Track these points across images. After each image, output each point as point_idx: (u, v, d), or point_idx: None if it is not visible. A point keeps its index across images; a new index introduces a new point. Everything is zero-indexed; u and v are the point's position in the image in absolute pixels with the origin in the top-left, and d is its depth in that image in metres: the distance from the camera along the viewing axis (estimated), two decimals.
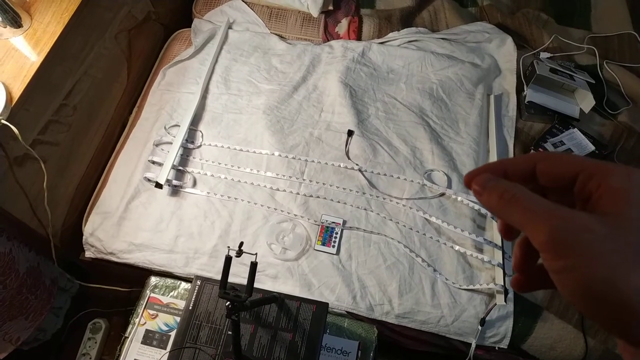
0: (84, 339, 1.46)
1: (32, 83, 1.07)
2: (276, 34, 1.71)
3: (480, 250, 1.27)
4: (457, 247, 1.26)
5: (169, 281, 1.19)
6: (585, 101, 1.50)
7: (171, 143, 1.40)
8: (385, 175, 1.38)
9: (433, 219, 1.30)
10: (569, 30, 1.78)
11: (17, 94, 1.04)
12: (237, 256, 0.82)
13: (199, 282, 1.03)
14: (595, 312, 0.22)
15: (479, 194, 0.27)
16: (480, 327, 1.18)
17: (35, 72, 1.08)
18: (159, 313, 1.14)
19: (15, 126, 1.01)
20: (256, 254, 0.87)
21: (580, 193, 0.26)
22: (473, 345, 1.19)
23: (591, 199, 0.25)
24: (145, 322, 1.13)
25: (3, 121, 0.98)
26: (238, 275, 1.20)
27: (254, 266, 0.86)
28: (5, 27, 1.10)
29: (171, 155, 1.35)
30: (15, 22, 1.10)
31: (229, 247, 0.85)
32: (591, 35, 1.75)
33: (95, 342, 1.46)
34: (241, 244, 0.83)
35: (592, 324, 1.23)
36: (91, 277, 1.51)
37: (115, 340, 1.48)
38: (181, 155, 1.41)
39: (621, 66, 1.67)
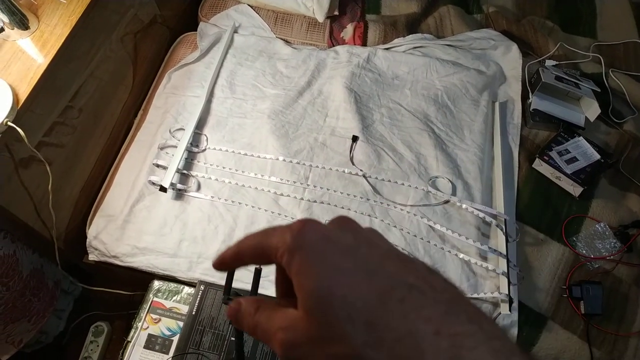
0: (86, 342, 1.46)
1: (39, 85, 1.07)
2: (282, 39, 1.71)
3: (485, 259, 1.27)
4: (461, 255, 1.25)
5: (172, 285, 1.18)
6: (591, 109, 1.50)
7: (176, 146, 1.40)
8: (389, 181, 1.37)
9: (437, 227, 1.29)
10: (575, 38, 1.78)
11: (23, 95, 1.04)
12: None
13: (202, 287, 1.03)
14: None
15: (234, 318, 0.28)
16: None
17: (42, 74, 1.08)
18: (161, 317, 1.14)
19: (21, 128, 1.01)
20: None
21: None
22: None
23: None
24: (147, 327, 1.12)
25: (9, 123, 0.98)
26: (241, 281, 1.19)
27: (258, 272, 0.86)
28: (13, 29, 1.10)
29: (176, 158, 1.35)
30: (22, 24, 1.11)
31: None
32: (597, 44, 1.75)
33: (97, 346, 1.45)
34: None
35: (598, 335, 1.22)
36: (94, 280, 1.50)
37: (117, 344, 1.48)
38: (186, 159, 1.41)
39: (627, 75, 1.67)
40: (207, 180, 1.37)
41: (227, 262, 0.30)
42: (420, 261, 0.25)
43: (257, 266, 0.87)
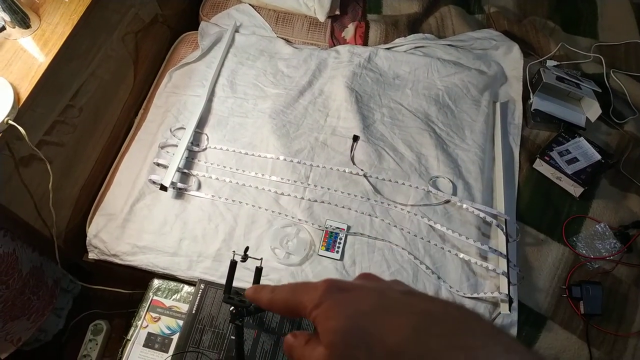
0: (85, 341, 1.46)
1: (40, 84, 1.07)
2: (283, 38, 1.71)
3: (485, 259, 1.27)
4: (461, 255, 1.25)
5: (172, 284, 1.18)
6: (592, 110, 1.50)
7: (176, 146, 1.40)
8: (390, 181, 1.37)
9: (438, 226, 1.29)
10: (576, 39, 1.78)
11: (24, 94, 1.04)
12: (242, 261, 0.82)
13: (202, 286, 1.03)
14: None
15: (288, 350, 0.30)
16: None
17: (43, 73, 1.08)
18: (161, 316, 1.14)
19: (22, 126, 1.01)
20: (261, 259, 0.86)
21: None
22: None
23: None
24: (147, 325, 1.12)
25: (10, 121, 0.98)
26: (241, 280, 1.19)
27: (259, 271, 0.86)
28: (14, 28, 1.10)
29: (176, 157, 1.35)
30: (24, 22, 1.11)
31: (234, 251, 0.84)
32: (598, 44, 1.75)
33: (96, 344, 1.45)
34: (247, 249, 0.83)
35: (597, 335, 1.22)
36: (94, 278, 1.50)
37: (116, 342, 1.48)
38: (186, 158, 1.41)
39: (628, 75, 1.67)
40: (207, 180, 1.37)
41: (257, 302, 0.33)
42: (437, 298, 0.27)
43: (258, 265, 0.87)
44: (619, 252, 1.30)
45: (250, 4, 1.77)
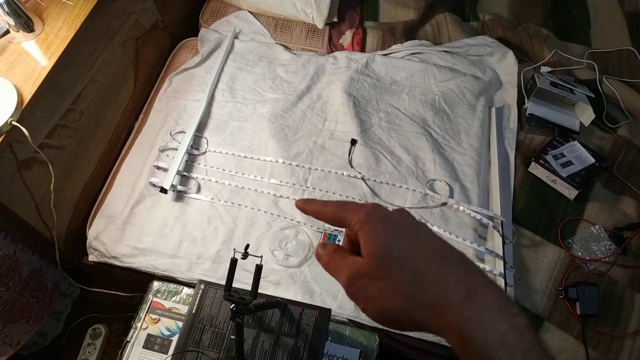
0: (83, 345, 1.46)
1: (42, 86, 1.09)
2: (281, 45, 1.74)
3: (482, 260, 1.28)
4: None
5: (172, 286, 1.19)
6: (585, 115, 1.53)
7: (176, 149, 1.41)
8: (387, 184, 1.39)
9: (435, 228, 1.31)
10: (569, 46, 1.81)
11: (27, 96, 1.05)
12: (242, 258, 0.83)
13: (202, 286, 1.04)
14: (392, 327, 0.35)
15: (317, 256, 0.38)
16: None
17: (46, 76, 1.10)
18: (161, 318, 1.14)
19: (24, 128, 1.03)
20: (262, 256, 0.87)
21: (353, 236, 0.36)
22: None
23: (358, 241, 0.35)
24: (147, 327, 1.13)
25: (14, 123, 1.00)
26: (241, 281, 1.20)
27: (259, 269, 0.87)
28: (18, 31, 1.12)
29: (176, 161, 1.37)
30: (27, 26, 1.12)
31: (234, 249, 0.85)
32: (591, 51, 1.78)
33: (95, 348, 1.45)
34: (247, 246, 0.84)
35: (594, 336, 1.23)
36: (93, 281, 1.51)
37: (115, 346, 1.48)
38: (186, 161, 1.42)
39: (620, 81, 1.70)
40: (207, 182, 1.39)
41: (307, 211, 0.40)
42: (452, 246, 0.34)
43: (258, 263, 0.88)
44: (614, 253, 1.32)
45: (249, 11, 1.80)
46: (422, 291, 0.31)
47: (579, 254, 1.33)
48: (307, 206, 0.40)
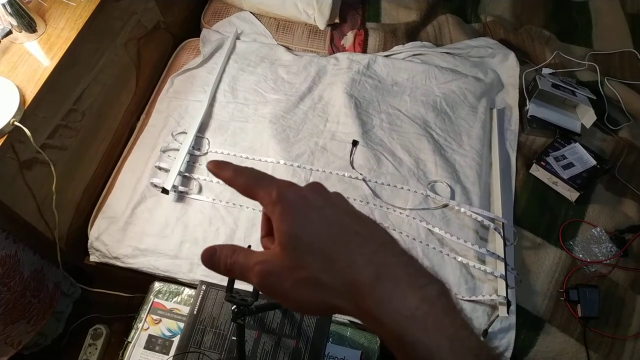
0: (84, 345, 1.45)
1: (45, 87, 1.09)
2: (283, 46, 1.74)
3: (483, 262, 1.28)
4: (459, 258, 1.27)
5: (173, 287, 1.19)
6: (587, 116, 1.53)
7: (178, 150, 1.41)
8: (389, 185, 1.39)
9: (436, 230, 1.31)
10: (571, 47, 1.81)
11: (30, 97, 1.06)
12: None
13: (204, 287, 1.04)
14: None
15: (209, 262, 0.35)
16: (482, 339, 1.18)
17: (48, 77, 1.10)
18: (162, 318, 1.15)
19: (26, 129, 1.03)
20: None
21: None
22: None
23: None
24: (148, 327, 1.13)
25: (16, 123, 1.00)
26: (242, 282, 1.20)
27: None
28: (21, 32, 1.12)
29: (178, 161, 1.37)
30: (30, 27, 1.13)
31: None
32: (592, 53, 1.78)
33: (96, 349, 1.45)
34: (249, 247, 0.84)
35: (595, 338, 1.23)
36: (94, 282, 1.51)
37: (116, 347, 1.48)
38: (187, 161, 1.42)
39: (622, 83, 1.70)
40: (208, 183, 1.39)
41: (219, 176, 0.36)
42: (370, 218, 0.33)
43: None
44: (615, 256, 1.32)
45: (251, 12, 1.80)
46: (333, 277, 0.30)
47: (580, 256, 1.33)
48: (218, 170, 0.36)
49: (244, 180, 0.35)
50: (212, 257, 0.34)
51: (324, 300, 0.30)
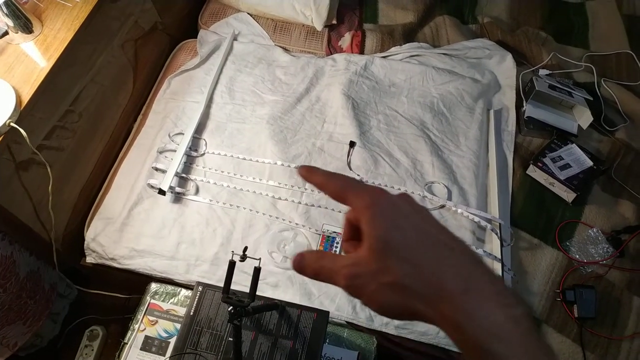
0: (80, 347, 1.45)
1: (41, 88, 1.09)
2: (280, 47, 1.74)
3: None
4: None
5: (170, 288, 1.19)
6: (584, 118, 1.53)
7: (175, 151, 1.41)
8: (386, 186, 1.39)
9: None
10: (568, 49, 1.82)
11: (26, 98, 1.05)
12: (241, 261, 0.83)
13: (200, 288, 1.03)
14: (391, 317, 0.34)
15: (298, 268, 0.36)
16: None
17: (44, 78, 1.09)
18: (158, 319, 1.14)
19: (23, 130, 1.03)
20: (260, 259, 0.87)
21: (354, 220, 0.35)
22: None
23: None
24: (144, 328, 1.12)
25: (12, 124, 1.00)
26: (238, 284, 1.20)
27: (257, 271, 0.87)
28: (17, 33, 1.12)
29: (175, 162, 1.37)
30: (26, 27, 1.12)
31: (232, 251, 0.85)
32: (589, 54, 1.78)
33: (92, 350, 1.45)
34: (245, 248, 0.84)
35: (591, 339, 1.23)
36: (90, 283, 1.50)
37: (112, 348, 1.47)
38: (184, 163, 1.42)
39: (618, 84, 1.71)
40: (205, 184, 1.39)
41: (310, 180, 0.38)
42: (453, 233, 0.34)
43: (256, 266, 0.88)
44: (612, 256, 1.32)
45: (248, 13, 1.80)
46: (419, 283, 0.31)
47: (577, 256, 1.33)
48: (310, 175, 0.38)
49: (336, 185, 0.37)
50: (301, 263, 0.36)
51: (407, 304, 0.32)
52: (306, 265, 0.36)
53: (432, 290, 0.31)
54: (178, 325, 1.11)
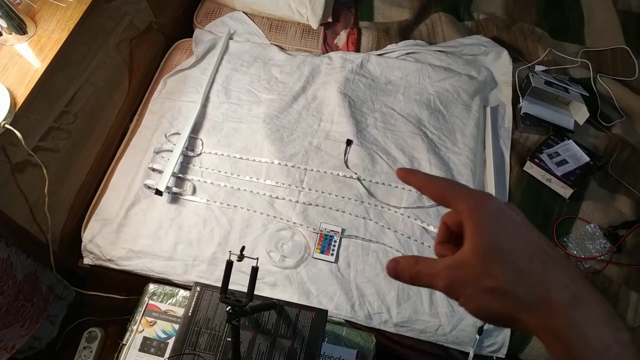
0: (79, 348, 1.45)
1: (36, 89, 1.08)
2: (276, 45, 1.73)
3: None
4: None
5: (168, 288, 1.18)
6: (580, 113, 1.53)
7: (171, 151, 1.41)
8: (383, 184, 1.39)
9: (431, 228, 1.31)
10: (563, 45, 1.82)
11: (20, 99, 1.05)
12: (238, 260, 0.83)
13: (198, 288, 1.03)
14: (490, 322, 0.34)
15: (394, 274, 0.37)
16: (478, 336, 1.18)
17: (39, 79, 1.09)
18: (157, 320, 1.14)
19: (18, 131, 1.02)
20: (257, 258, 0.87)
21: (453, 223, 0.36)
22: (471, 355, 1.19)
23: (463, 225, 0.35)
24: (143, 329, 1.12)
25: (7, 126, 0.99)
26: (236, 283, 1.20)
27: (254, 271, 0.87)
28: (11, 34, 1.11)
29: (171, 162, 1.36)
30: (20, 28, 1.12)
31: (230, 251, 0.85)
32: (585, 50, 1.79)
33: (91, 352, 1.45)
34: (243, 248, 0.84)
35: None
36: (88, 284, 1.50)
37: (110, 349, 1.47)
38: (181, 163, 1.42)
39: (614, 80, 1.71)
40: (202, 184, 1.38)
41: (411, 182, 0.39)
42: (560, 250, 0.33)
43: (254, 265, 0.87)
44: (609, 252, 1.33)
45: (243, 12, 1.80)
46: (524, 291, 0.31)
47: (575, 252, 1.33)
48: (410, 177, 0.38)
49: (438, 187, 0.37)
50: (396, 269, 0.36)
51: (507, 310, 0.31)
52: (402, 270, 0.36)
53: (537, 300, 0.30)
54: (176, 326, 1.10)
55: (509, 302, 0.31)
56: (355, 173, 1.39)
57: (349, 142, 1.45)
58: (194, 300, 1.02)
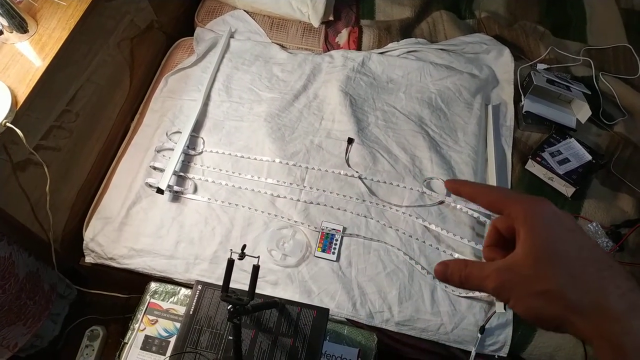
0: (81, 347, 1.45)
1: (37, 88, 1.08)
2: (277, 44, 1.73)
3: (479, 258, 1.28)
4: (456, 255, 1.27)
5: (169, 287, 1.18)
6: (582, 112, 1.53)
7: (173, 149, 1.41)
8: (385, 182, 1.39)
9: (432, 227, 1.31)
10: (565, 43, 1.81)
11: (22, 97, 1.05)
12: (239, 259, 0.83)
13: (199, 287, 1.03)
14: (540, 325, 0.34)
15: (443, 277, 0.37)
16: (479, 335, 1.18)
17: (40, 77, 1.09)
18: (158, 319, 1.14)
19: (19, 130, 1.02)
20: (259, 257, 0.87)
21: (504, 227, 0.37)
22: (473, 354, 1.19)
23: (514, 230, 0.35)
24: (144, 328, 1.12)
25: (8, 124, 0.99)
26: (238, 282, 1.20)
27: (256, 269, 0.87)
28: (12, 32, 1.11)
29: (172, 161, 1.36)
30: (21, 27, 1.12)
31: (231, 250, 0.85)
32: (587, 48, 1.78)
33: (93, 350, 1.45)
34: (244, 246, 0.83)
35: None
36: (90, 283, 1.50)
37: (112, 348, 1.47)
38: (182, 161, 1.42)
39: (617, 78, 1.70)
40: (203, 183, 1.38)
41: (460, 192, 0.40)
42: (616, 261, 0.33)
43: (255, 264, 0.87)
44: (611, 250, 1.32)
45: (245, 10, 1.79)
46: (579, 295, 0.31)
47: None
48: (460, 187, 0.39)
49: (490, 195, 0.38)
50: (445, 272, 0.37)
51: (559, 313, 0.31)
52: (452, 273, 0.36)
53: (593, 305, 0.30)
54: (178, 325, 1.10)
55: (561, 305, 0.31)
56: (357, 172, 1.39)
57: (350, 141, 1.45)
58: (196, 298, 1.02)
